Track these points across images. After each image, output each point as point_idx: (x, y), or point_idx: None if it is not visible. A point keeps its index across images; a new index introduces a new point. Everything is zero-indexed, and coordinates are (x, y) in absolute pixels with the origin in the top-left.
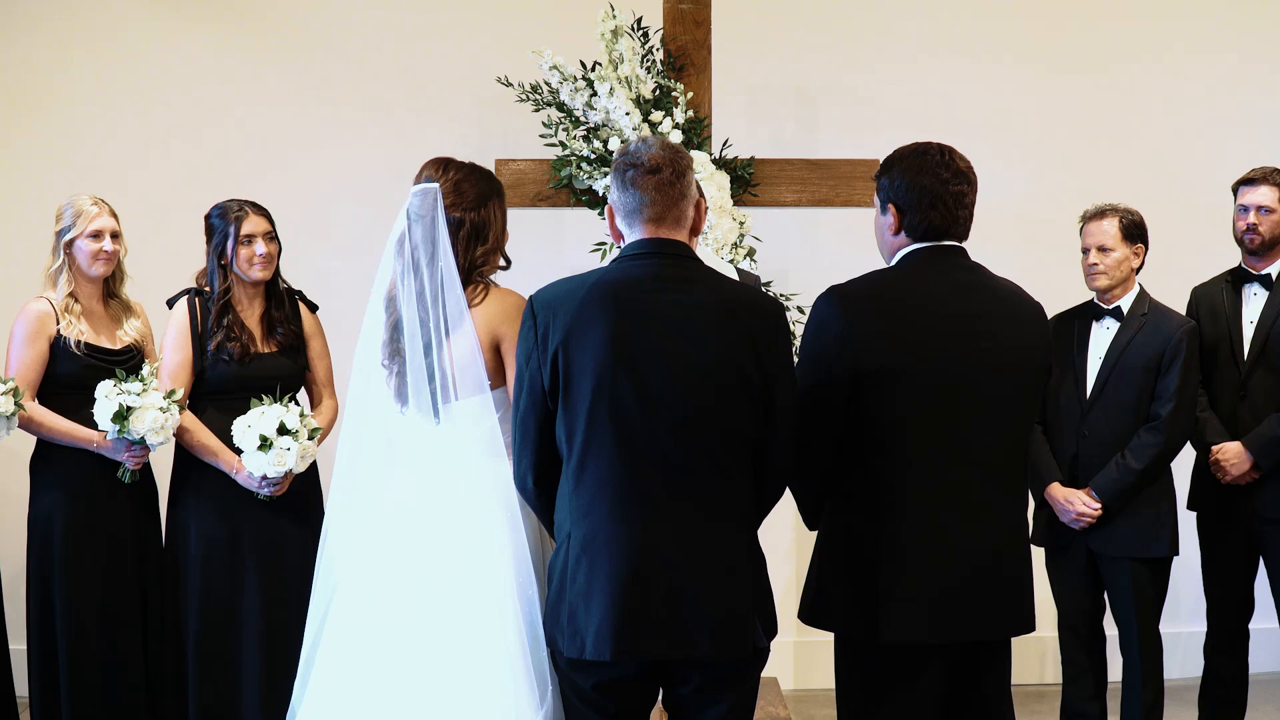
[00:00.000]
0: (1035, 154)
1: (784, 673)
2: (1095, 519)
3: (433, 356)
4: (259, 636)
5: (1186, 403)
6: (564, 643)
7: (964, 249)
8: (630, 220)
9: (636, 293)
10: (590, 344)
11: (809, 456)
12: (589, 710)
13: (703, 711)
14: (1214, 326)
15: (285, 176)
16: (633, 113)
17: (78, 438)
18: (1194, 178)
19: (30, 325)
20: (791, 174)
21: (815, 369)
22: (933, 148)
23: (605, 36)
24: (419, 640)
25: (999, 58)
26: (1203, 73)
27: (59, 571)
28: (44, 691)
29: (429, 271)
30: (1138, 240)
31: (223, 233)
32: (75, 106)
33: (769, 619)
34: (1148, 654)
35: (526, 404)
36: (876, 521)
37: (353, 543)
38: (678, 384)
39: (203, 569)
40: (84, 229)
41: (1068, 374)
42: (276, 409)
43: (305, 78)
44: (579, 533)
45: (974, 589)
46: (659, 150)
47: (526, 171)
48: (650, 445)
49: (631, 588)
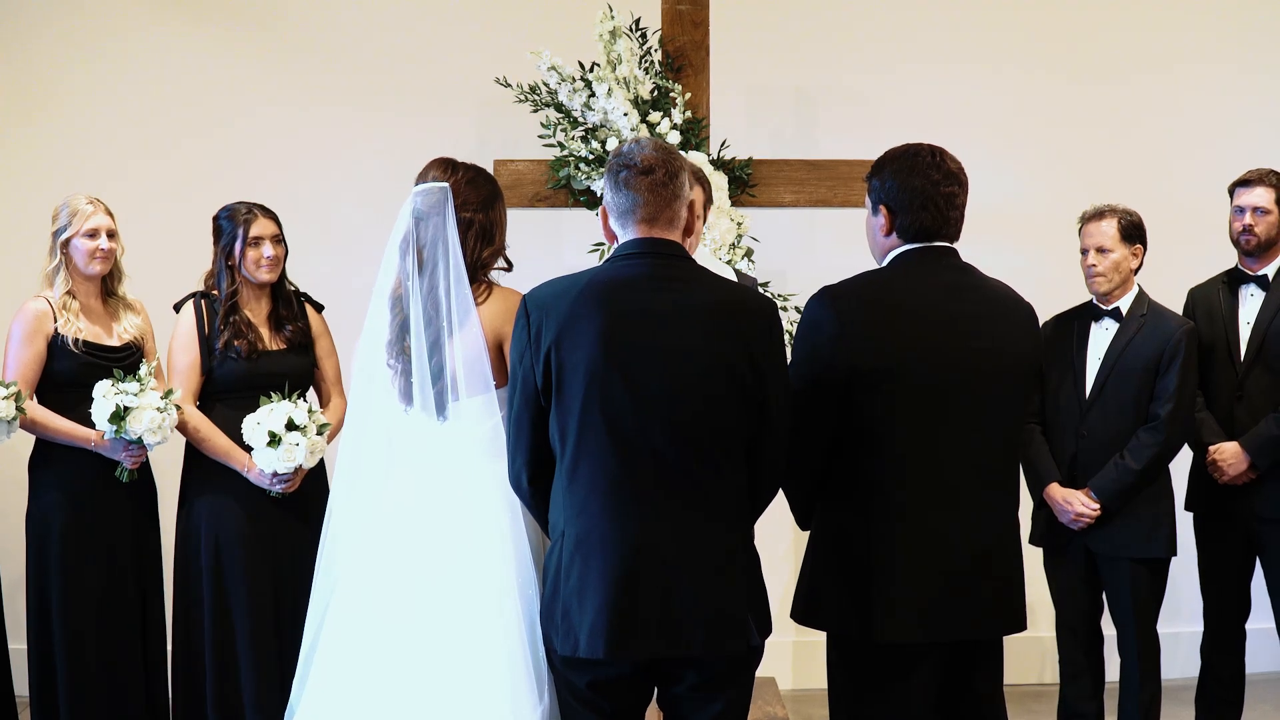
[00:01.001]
0: (1033, 155)
1: (782, 672)
2: (1094, 519)
3: (439, 355)
4: (271, 634)
5: (1185, 403)
6: (558, 641)
7: (955, 250)
8: (624, 221)
9: (629, 292)
10: (582, 343)
11: (800, 456)
12: (584, 708)
13: (697, 710)
14: (1210, 327)
15: (285, 177)
16: (631, 113)
17: (75, 437)
18: (1190, 179)
19: (28, 324)
20: (790, 175)
21: (807, 369)
22: (924, 149)
23: (603, 37)
24: (419, 639)
25: (997, 60)
26: (1200, 75)
27: (56, 571)
28: (43, 691)
29: (439, 270)
30: (1137, 241)
31: (231, 235)
32: (78, 107)
33: (763, 617)
34: (1145, 654)
35: (520, 403)
36: (868, 521)
37: (354, 541)
38: (670, 383)
39: (213, 566)
40: (80, 228)
41: (1067, 374)
42: (285, 405)
43: (305, 79)
44: (572, 531)
45: (966, 588)
46: (652, 151)
47: (525, 172)
48: (643, 444)
49: (625, 586)
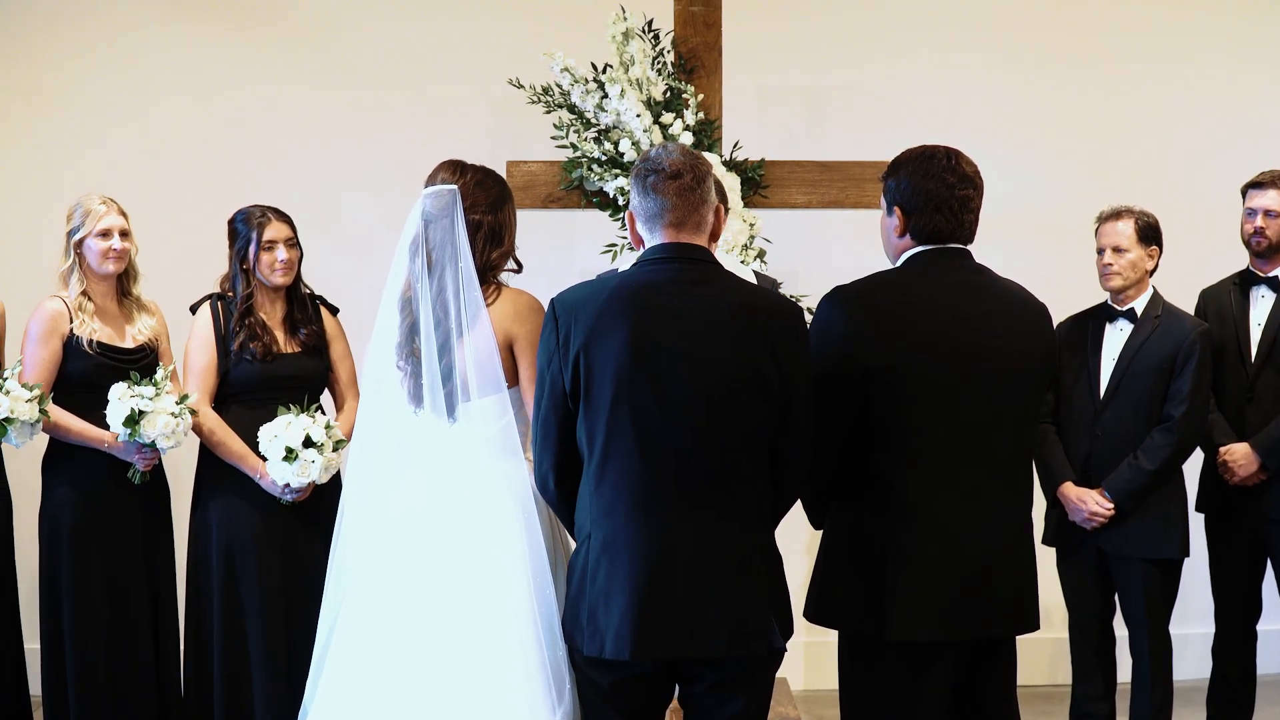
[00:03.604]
0: (1047, 156)
1: (794, 673)
2: (1107, 519)
3: (449, 356)
4: (281, 635)
5: (1199, 404)
6: (583, 642)
7: (969, 251)
8: (651, 225)
9: (657, 296)
10: (611, 346)
11: (814, 455)
12: (605, 707)
13: (717, 710)
14: (1222, 328)
15: (297, 179)
16: (643, 115)
17: (89, 437)
18: (1203, 180)
19: (44, 324)
20: (802, 176)
21: (820, 369)
22: (939, 151)
23: (616, 39)
24: (433, 639)
25: (1011, 60)
26: (1214, 76)
27: (67, 570)
28: (56, 689)
29: (448, 272)
30: (1153, 242)
31: (245, 238)
32: (90, 107)
33: (785, 620)
34: (1157, 655)
35: (548, 406)
36: (882, 520)
37: (366, 543)
38: (697, 386)
39: (224, 568)
40: (93, 228)
41: (1081, 374)
42: (303, 420)
43: (318, 80)
44: (599, 533)
45: (979, 587)
46: (679, 156)
47: (538, 173)
48: (669, 447)
49: (651, 588)
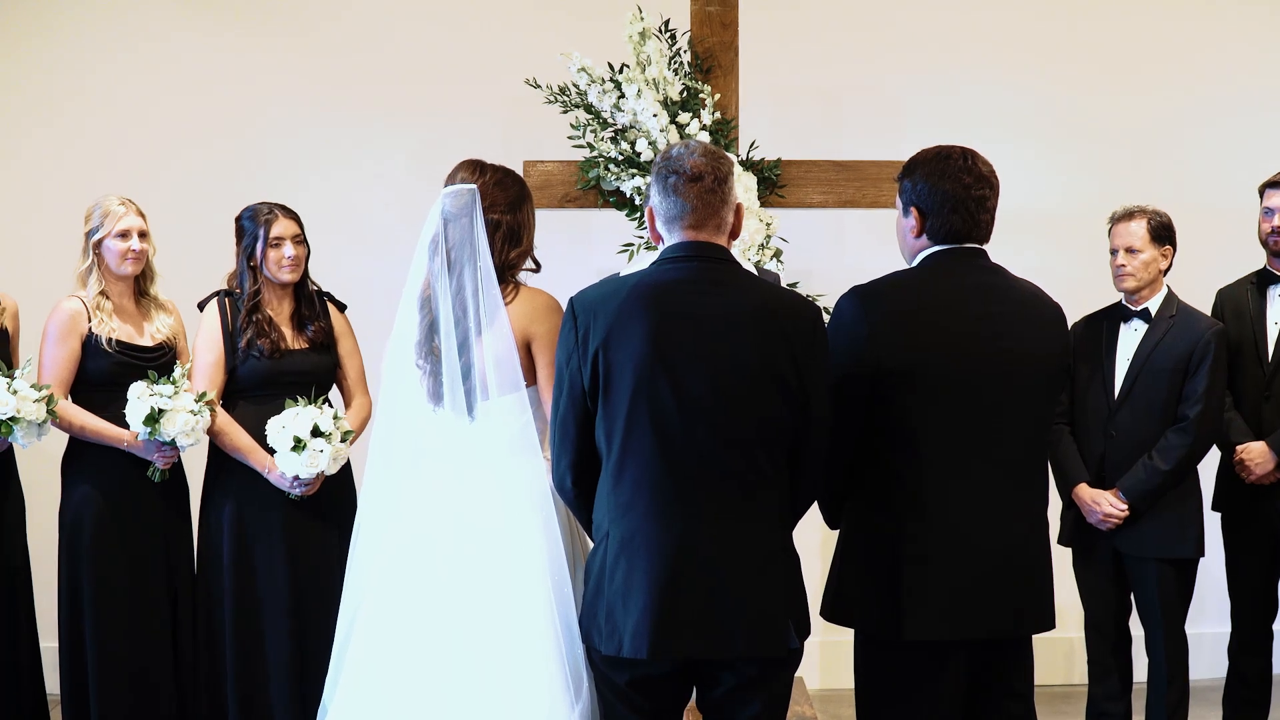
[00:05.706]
0: (1062, 156)
1: (810, 672)
2: (1122, 520)
3: (468, 355)
4: (291, 632)
5: (1214, 404)
6: (601, 641)
7: (984, 251)
8: (670, 225)
9: (676, 295)
10: (630, 345)
11: (830, 455)
12: (623, 706)
13: (736, 710)
14: (1239, 327)
15: (313, 178)
16: (660, 114)
17: (108, 436)
18: (1220, 179)
19: (62, 324)
20: (818, 175)
21: (836, 368)
22: (955, 151)
23: (633, 39)
24: (452, 637)
25: (1025, 60)
26: (1230, 75)
27: (88, 568)
28: (74, 689)
29: (467, 271)
30: (1166, 242)
31: (252, 235)
32: (106, 107)
33: (802, 620)
34: (1173, 654)
35: (566, 404)
36: (897, 519)
37: (385, 542)
38: (715, 386)
39: (235, 565)
40: (111, 229)
41: (1096, 375)
42: (311, 410)
43: (333, 80)
44: (617, 532)
45: (994, 586)
46: (701, 158)
47: (554, 173)
48: (688, 446)
49: (669, 587)
